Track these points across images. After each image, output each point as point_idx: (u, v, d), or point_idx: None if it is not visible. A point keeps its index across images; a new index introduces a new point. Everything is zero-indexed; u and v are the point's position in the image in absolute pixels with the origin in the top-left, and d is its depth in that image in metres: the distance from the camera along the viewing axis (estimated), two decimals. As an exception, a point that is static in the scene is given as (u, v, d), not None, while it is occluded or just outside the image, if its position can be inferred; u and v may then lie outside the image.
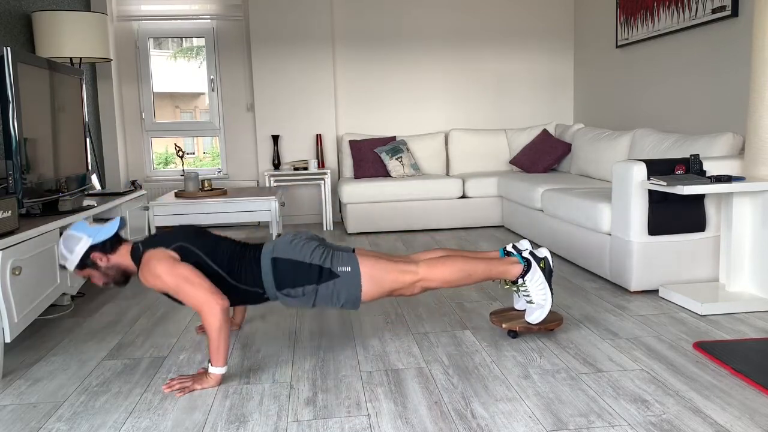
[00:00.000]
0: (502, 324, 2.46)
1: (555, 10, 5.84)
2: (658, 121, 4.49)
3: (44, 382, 2.22)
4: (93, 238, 2.23)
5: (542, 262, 2.41)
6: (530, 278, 2.39)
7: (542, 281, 2.39)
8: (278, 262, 2.22)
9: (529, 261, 2.40)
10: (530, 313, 2.42)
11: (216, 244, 2.27)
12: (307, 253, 2.22)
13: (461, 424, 1.80)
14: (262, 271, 2.23)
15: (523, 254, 2.42)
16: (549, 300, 2.40)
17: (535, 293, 2.40)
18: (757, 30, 2.70)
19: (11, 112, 2.65)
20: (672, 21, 4.17)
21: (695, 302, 2.75)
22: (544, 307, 2.40)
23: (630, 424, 1.77)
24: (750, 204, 2.89)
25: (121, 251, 2.27)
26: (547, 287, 2.40)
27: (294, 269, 2.21)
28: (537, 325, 2.42)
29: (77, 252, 2.21)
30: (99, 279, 2.28)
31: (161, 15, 5.50)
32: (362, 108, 5.78)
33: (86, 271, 2.26)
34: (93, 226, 2.26)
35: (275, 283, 2.23)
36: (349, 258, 2.24)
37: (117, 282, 2.30)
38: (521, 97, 5.92)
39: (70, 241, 2.22)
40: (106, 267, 2.25)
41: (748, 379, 2.01)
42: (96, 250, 2.23)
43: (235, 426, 1.84)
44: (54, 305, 3.19)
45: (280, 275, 2.22)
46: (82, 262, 2.23)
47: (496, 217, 5.14)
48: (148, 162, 5.70)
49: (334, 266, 2.21)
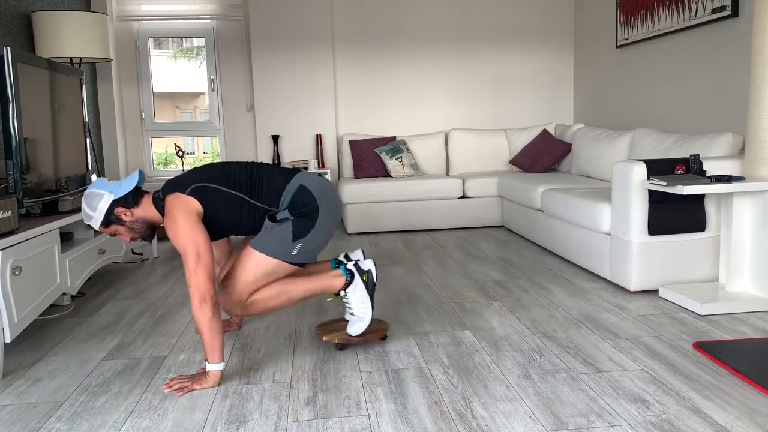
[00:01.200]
0: (324, 336, 2.44)
1: (555, 10, 5.84)
2: (658, 121, 4.49)
3: (44, 382, 2.22)
4: (114, 194, 2.22)
5: (365, 275, 2.41)
6: (352, 291, 2.39)
7: (363, 294, 2.39)
8: (304, 189, 2.26)
9: (352, 273, 2.40)
10: (351, 325, 2.41)
11: (232, 171, 2.28)
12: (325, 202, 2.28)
13: (461, 424, 1.80)
14: (287, 188, 2.26)
15: (348, 266, 2.42)
16: (369, 312, 2.39)
17: (356, 306, 2.40)
18: (757, 30, 2.70)
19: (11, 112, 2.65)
20: (672, 21, 4.17)
21: (695, 302, 2.75)
22: (364, 319, 2.39)
23: (630, 424, 1.77)
24: (750, 204, 2.89)
25: (143, 204, 2.26)
26: (368, 300, 2.40)
27: (308, 201, 2.25)
28: (357, 337, 2.41)
29: (100, 209, 2.20)
30: (126, 234, 2.27)
31: (161, 15, 5.50)
32: (362, 108, 5.78)
33: (112, 228, 2.25)
34: (113, 182, 2.25)
35: (289, 203, 2.25)
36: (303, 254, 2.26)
37: (144, 236, 2.30)
38: (521, 97, 5.93)
39: (92, 199, 2.21)
40: (131, 221, 2.25)
41: (748, 379, 2.01)
42: (119, 205, 2.22)
43: (235, 426, 1.84)
44: (54, 305, 3.19)
45: (298, 199, 2.25)
46: (107, 219, 2.22)
47: (496, 217, 5.14)
48: (148, 162, 5.70)
49: (303, 239, 2.24)
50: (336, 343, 2.44)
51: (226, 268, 2.67)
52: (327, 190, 2.33)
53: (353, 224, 5.03)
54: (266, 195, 2.26)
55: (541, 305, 2.94)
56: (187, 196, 2.19)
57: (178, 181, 2.25)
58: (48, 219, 2.81)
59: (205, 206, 2.21)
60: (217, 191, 2.22)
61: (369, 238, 4.88)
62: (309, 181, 2.30)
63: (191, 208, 2.17)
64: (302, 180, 2.29)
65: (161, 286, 3.55)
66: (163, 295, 3.33)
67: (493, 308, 2.92)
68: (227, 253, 2.67)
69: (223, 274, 2.67)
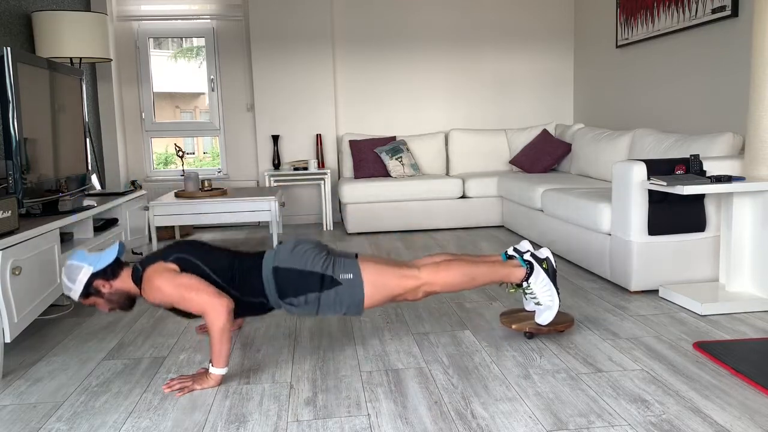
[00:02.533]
0: (512, 325, 2.46)
1: (555, 10, 5.84)
2: (658, 121, 4.49)
3: (44, 382, 2.22)
4: (94, 266, 2.22)
5: (544, 263, 2.41)
6: (534, 280, 2.39)
7: (547, 282, 2.39)
8: (280, 271, 2.22)
9: (531, 263, 2.40)
10: (539, 315, 2.43)
11: (214, 254, 2.27)
12: (309, 261, 2.22)
13: (461, 424, 1.80)
14: (264, 280, 2.23)
15: (525, 257, 2.42)
16: (556, 300, 2.40)
17: (541, 295, 2.41)
18: (757, 30, 2.70)
19: (11, 112, 2.65)
20: (672, 21, 4.17)
21: (695, 302, 2.75)
22: (552, 307, 2.40)
23: (630, 424, 1.77)
24: (750, 204, 2.89)
25: (122, 276, 2.26)
26: (552, 288, 2.40)
27: (296, 278, 2.21)
28: (547, 326, 2.42)
29: (80, 281, 2.20)
30: (104, 306, 2.27)
31: (161, 15, 5.50)
32: (362, 108, 5.78)
33: (91, 299, 2.25)
34: (93, 254, 2.26)
35: (278, 292, 2.23)
36: (351, 264, 2.24)
37: (122, 307, 2.29)
38: (521, 97, 5.93)
39: (71, 271, 2.22)
40: (110, 293, 2.24)
41: (748, 379, 2.01)
42: (98, 278, 2.22)
43: (235, 426, 1.84)
44: (54, 305, 3.19)
45: (282, 284, 2.22)
46: (86, 291, 2.22)
47: (496, 217, 5.14)
48: (148, 162, 5.70)
49: (336, 273, 2.21)
50: (526, 332, 2.44)
51: None
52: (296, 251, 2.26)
53: (353, 224, 5.03)
54: (248, 288, 2.23)
55: (541, 305, 2.94)
56: (168, 262, 2.19)
57: (159, 253, 2.24)
58: (48, 219, 2.81)
59: None
60: (201, 269, 2.20)
61: (369, 238, 4.88)
62: (278, 259, 2.25)
63: (170, 267, 2.16)
64: (272, 262, 2.24)
65: (161, 286, 3.54)
66: (163, 295, 3.33)
67: (493, 308, 2.92)
68: None
69: None
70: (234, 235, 5.23)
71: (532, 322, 2.45)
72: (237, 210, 4.36)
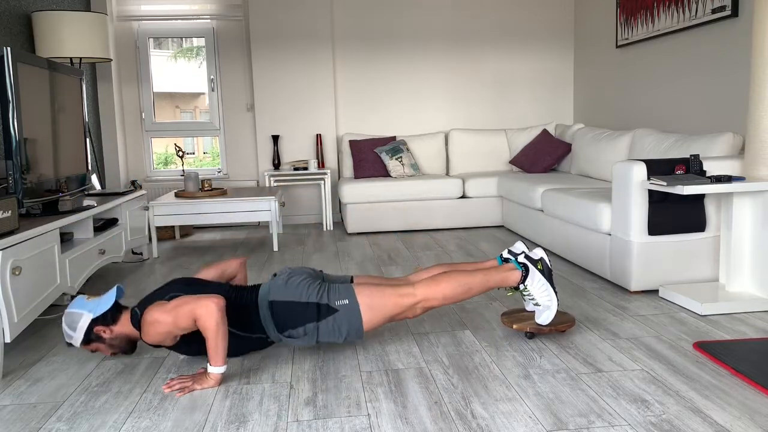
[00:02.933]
0: (513, 325, 2.46)
1: (555, 10, 5.84)
2: (658, 121, 4.49)
3: (44, 382, 2.22)
4: (93, 313, 2.22)
5: (539, 264, 2.41)
6: (530, 282, 2.39)
7: (543, 283, 2.39)
8: (276, 305, 2.23)
9: (525, 265, 2.40)
10: (539, 315, 2.43)
11: (209, 290, 2.27)
12: (303, 292, 2.23)
13: (461, 424, 1.80)
14: (261, 316, 2.24)
15: (519, 259, 2.42)
16: (554, 300, 2.40)
17: (539, 296, 2.40)
18: (757, 30, 2.70)
19: (11, 112, 2.65)
20: (672, 21, 4.17)
21: (695, 302, 2.75)
22: (551, 307, 2.40)
23: (630, 424, 1.77)
24: (750, 204, 2.89)
25: (122, 320, 2.25)
26: (549, 288, 2.40)
27: (292, 310, 2.22)
28: (547, 326, 2.42)
29: (80, 328, 2.20)
30: (106, 350, 2.27)
31: (161, 15, 5.50)
32: (362, 108, 5.78)
33: (92, 345, 2.25)
34: (92, 300, 2.25)
35: (276, 327, 2.24)
36: (346, 290, 2.25)
37: (124, 351, 2.29)
38: (521, 97, 5.93)
39: (71, 319, 2.22)
40: (111, 338, 2.24)
41: (748, 379, 2.01)
42: (98, 324, 2.22)
43: (235, 426, 1.84)
44: (54, 305, 3.19)
45: (279, 318, 2.23)
46: (87, 338, 2.21)
47: (496, 217, 5.14)
48: (148, 162, 5.70)
49: (332, 301, 2.22)
50: (527, 332, 2.45)
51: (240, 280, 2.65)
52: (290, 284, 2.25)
53: (353, 224, 5.03)
54: (244, 324, 2.24)
55: (541, 305, 2.94)
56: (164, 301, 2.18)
57: (155, 294, 2.24)
58: (48, 219, 2.81)
59: None
60: None
61: (369, 238, 4.88)
62: (273, 293, 2.25)
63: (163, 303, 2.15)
64: (267, 296, 2.25)
65: (161, 286, 3.55)
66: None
67: (493, 308, 2.92)
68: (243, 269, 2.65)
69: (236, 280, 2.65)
70: (234, 235, 5.23)
71: (533, 322, 2.45)
72: (237, 210, 4.36)
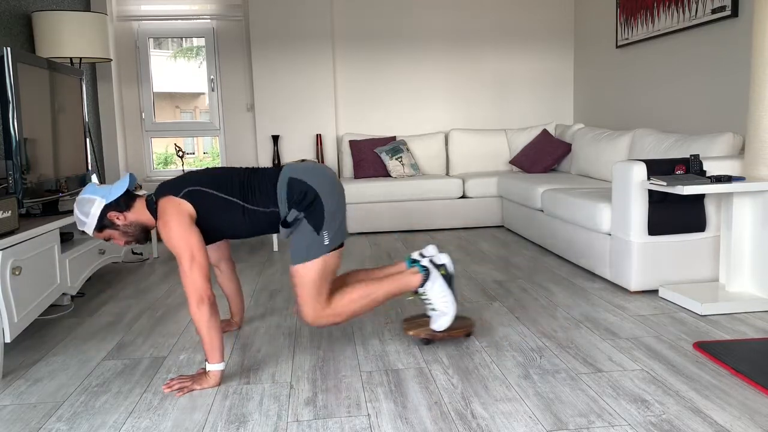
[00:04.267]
0: (410, 331, 2.43)
1: (555, 10, 5.84)
2: (658, 121, 4.49)
3: (44, 382, 2.22)
4: (106, 198, 2.21)
5: (442, 269, 2.39)
6: (430, 286, 2.36)
7: (443, 288, 2.37)
8: (294, 181, 2.23)
9: (427, 269, 2.38)
10: (435, 321, 2.40)
11: (226, 177, 2.26)
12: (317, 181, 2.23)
13: (461, 424, 1.80)
14: (278, 186, 2.23)
15: (422, 262, 2.40)
16: (452, 306, 2.37)
17: (437, 301, 2.38)
18: (757, 30, 2.70)
19: (11, 112, 2.65)
20: (672, 21, 4.17)
21: (695, 302, 2.75)
22: (448, 314, 2.37)
23: (630, 424, 1.77)
24: (750, 204, 2.89)
25: (136, 207, 2.25)
26: (449, 294, 2.37)
27: (305, 190, 2.21)
28: (442, 333, 2.40)
29: (93, 214, 2.19)
30: (120, 238, 2.26)
31: (161, 15, 5.50)
32: (362, 108, 5.78)
33: (106, 233, 2.24)
34: (103, 187, 2.24)
35: (287, 199, 2.22)
36: (336, 236, 2.24)
37: (138, 239, 2.29)
38: (521, 97, 5.93)
39: (84, 205, 2.20)
40: (125, 225, 2.24)
41: (748, 379, 2.01)
42: (111, 209, 2.21)
43: (235, 426, 1.84)
44: (54, 305, 3.19)
45: (293, 192, 2.22)
46: (100, 224, 2.21)
47: (496, 217, 5.14)
48: (148, 162, 5.70)
49: (326, 225, 2.21)
50: (422, 338, 2.43)
51: (225, 271, 2.67)
52: (315, 170, 2.29)
53: (353, 224, 5.03)
54: (261, 198, 2.24)
55: (541, 305, 2.94)
56: (180, 199, 2.19)
57: (171, 185, 2.24)
58: (48, 219, 2.81)
59: (198, 210, 2.20)
60: (211, 195, 2.21)
61: (369, 238, 4.88)
62: (296, 172, 2.26)
63: (184, 210, 2.16)
64: (289, 173, 2.26)
65: (161, 286, 3.55)
66: (163, 295, 3.33)
67: (493, 308, 2.92)
68: (226, 253, 2.66)
69: (224, 276, 2.67)
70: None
71: (427, 329, 2.42)
72: (237, 210, 4.35)
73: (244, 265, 4.02)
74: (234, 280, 2.69)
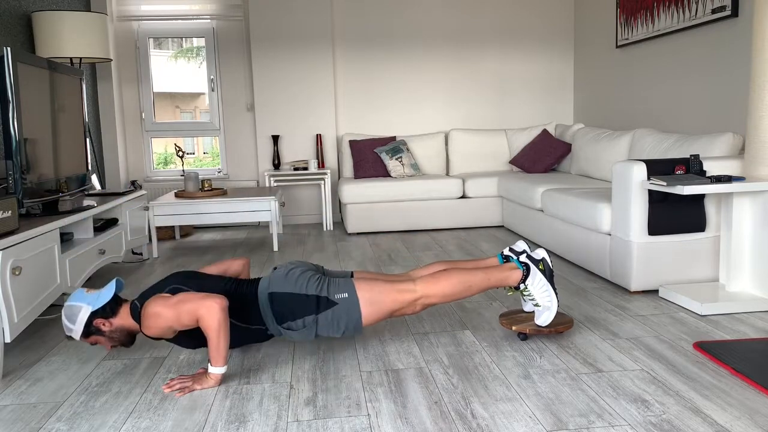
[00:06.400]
0: (512, 326, 2.45)
1: (555, 10, 5.84)
2: (658, 121, 4.49)
3: (44, 382, 2.22)
4: (93, 305, 2.21)
5: (540, 264, 2.40)
6: (531, 282, 2.38)
7: (544, 283, 2.38)
8: (275, 296, 2.24)
9: (527, 265, 2.39)
10: (538, 316, 2.42)
11: (208, 283, 2.27)
12: (303, 284, 2.24)
13: (461, 424, 1.80)
14: (261, 307, 2.25)
15: (521, 258, 2.41)
16: (555, 301, 2.39)
17: (539, 296, 2.39)
18: (757, 30, 2.70)
19: (11, 112, 2.65)
20: (672, 21, 4.17)
21: (695, 302, 2.75)
22: (551, 308, 2.39)
23: (630, 424, 1.77)
24: (750, 204, 2.89)
25: (121, 313, 2.25)
26: (550, 288, 2.39)
27: (292, 302, 2.22)
28: (547, 328, 2.42)
29: (80, 321, 2.19)
30: (106, 343, 2.26)
31: (161, 15, 5.50)
32: (362, 108, 5.78)
33: (92, 338, 2.24)
34: (91, 293, 2.25)
35: (275, 319, 2.24)
36: (346, 284, 2.25)
37: (123, 343, 2.28)
38: (521, 97, 5.93)
39: (71, 312, 2.21)
40: (110, 331, 2.23)
41: (748, 379, 2.01)
42: (98, 316, 2.21)
43: (235, 426, 1.84)
44: (54, 305, 3.19)
45: (278, 309, 2.23)
46: (87, 330, 2.21)
47: (496, 217, 5.14)
48: (148, 162, 5.70)
49: (331, 294, 2.23)
50: (526, 333, 2.43)
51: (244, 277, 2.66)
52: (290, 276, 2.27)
53: (353, 224, 5.03)
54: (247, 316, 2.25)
55: (541, 305, 2.94)
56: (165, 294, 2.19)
57: (154, 287, 2.25)
58: (48, 219, 2.81)
59: None
60: None
61: (369, 238, 4.88)
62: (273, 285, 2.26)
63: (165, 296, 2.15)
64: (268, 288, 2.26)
65: (161, 286, 3.54)
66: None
67: (493, 308, 2.92)
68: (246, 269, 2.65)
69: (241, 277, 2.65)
70: (234, 235, 5.23)
71: (532, 324, 2.45)
72: (237, 210, 4.36)
73: (244, 265, 4.02)
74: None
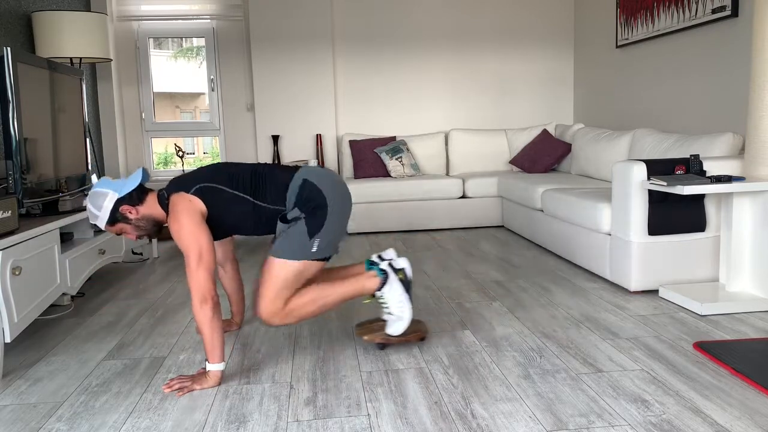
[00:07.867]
0: (364, 336, 2.41)
1: (555, 10, 5.84)
2: (658, 121, 4.49)
3: (44, 382, 2.22)
4: (119, 192, 2.21)
5: (400, 273, 2.37)
6: (388, 290, 2.35)
7: (401, 293, 2.35)
8: (308, 183, 2.23)
9: (386, 273, 2.36)
10: (390, 325, 2.38)
11: (237, 172, 2.26)
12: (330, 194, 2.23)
13: (461, 424, 1.80)
14: (291, 185, 2.23)
15: (381, 266, 2.38)
16: (408, 312, 2.35)
17: (393, 305, 2.36)
18: (757, 30, 2.70)
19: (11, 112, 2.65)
20: (672, 21, 4.17)
21: (695, 302, 2.75)
22: (403, 318, 2.35)
23: (630, 424, 1.77)
24: (750, 204, 2.89)
25: (148, 201, 2.26)
26: (405, 299, 2.36)
27: (315, 194, 2.22)
28: (397, 337, 2.38)
29: (105, 207, 2.19)
30: (132, 233, 2.26)
31: (161, 15, 5.50)
32: (362, 108, 5.78)
33: (118, 226, 2.24)
34: (117, 181, 2.25)
35: (296, 198, 2.22)
36: (324, 248, 2.22)
37: (150, 233, 2.29)
38: (521, 97, 5.93)
39: (96, 198, 2.20)
40: (137, 219, 2.24)
41: (748, 379, 2.01)
42: (124, 203, 2.21)
43: (235, 426, 1.84)
44: (54, 305, 3.19)
45: (303, 192, 2.22)
46: (113, 217, 2.21)
47: (496, 217, 5.14)
48: (148, 162, 5.70)
49: (320, 234, 2.20)
50: (377, 343, 2.41)
51: (229, 271, 2.67)
52: (331, 180, 2.29)
53: (353, 224, 5.03)
54: (271, 195, 2.24)
55: (541, 305, 2.94)
56: (191, 195, 2.20)
57: (183, 181, 2.25)
58: (48, 219, 2.81)
59: (209, 206, 2.21)
60: (221, 192, 2.22)
61: (369, 238, 4.88)
62: (312, 175, 2.27)
63: (195, 208, 2.17)
64: (305, 175, 2.27)
65: (161, 286, 3.55)
66: (163, 295, 3.33)
67: (493, 308, 2.92)
68: (230, 253, 2.67)
69: (228, 277, 2.68)
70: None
71: (382, 333, 2.41)
72: (237, 210, 4.35)
73: (244, 265, 4.02)
74: (237, 281, 2.70)
